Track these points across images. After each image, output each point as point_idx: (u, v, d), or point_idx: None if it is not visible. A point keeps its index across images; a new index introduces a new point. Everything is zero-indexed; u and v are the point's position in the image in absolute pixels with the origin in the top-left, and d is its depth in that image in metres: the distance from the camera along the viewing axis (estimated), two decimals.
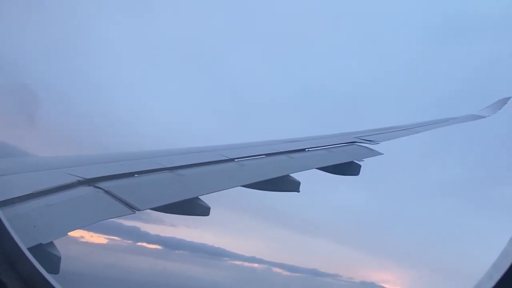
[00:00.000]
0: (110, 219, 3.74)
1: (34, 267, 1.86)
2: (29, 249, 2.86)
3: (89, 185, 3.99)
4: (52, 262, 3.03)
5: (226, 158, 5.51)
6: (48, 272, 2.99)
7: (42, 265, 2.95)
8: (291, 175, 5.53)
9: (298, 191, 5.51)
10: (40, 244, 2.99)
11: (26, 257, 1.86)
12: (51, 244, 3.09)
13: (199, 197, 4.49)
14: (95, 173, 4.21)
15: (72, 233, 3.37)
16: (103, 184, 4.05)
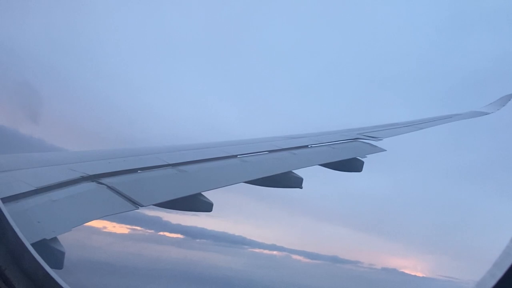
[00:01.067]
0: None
1: (37, 262, 1.88)
2: (33, 244, 2.89)
3: (93, 181, 4.01)
4: (56, 257, 3.05)
5: (229, 155, 5.52)
6: (52, 267, 3.02)
7: (46, 260, 2.98)
8: (293, 171, 5.53)
9: (301, 188, 5.52)
10: (44, 240, 3.02)
11: (30, 252, 1.88)
12: (55, 239, 3.12)
13: (202, 193, 4.51)
14: (99, 169, 4.24)
15: (94, 223, 3.39)
16: (106, 180, 4.07)
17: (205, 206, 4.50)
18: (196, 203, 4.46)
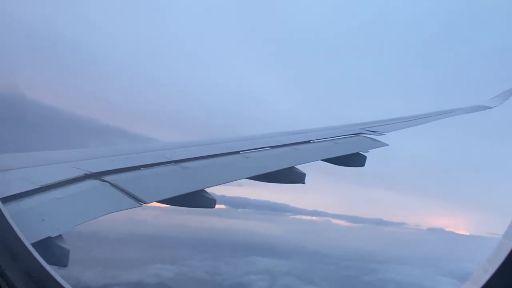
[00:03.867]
0: None
1: (37, 261, 1.89)
2: (38, 242, 2.91)
3: (96, 179, 4.02)
4: (61, 254, 3.07)
5: (232, 151, 5.52)
6: (57, 264, 3.04)
7: (51, 258, 3.00)
8: (296, 167, 5.53)
9: (304, 183, 5.52)
10: (49, 237, 3.03)
11: (29, 251, 1.90)
12: (59, 237, 3.13)
13: (205, 189, 4.52)
14: (102, 167, 4.25)
15: None
16: (109, 178, 4.08)
17: (209, 203, 4.51)
18: (200, 199, 4.47)
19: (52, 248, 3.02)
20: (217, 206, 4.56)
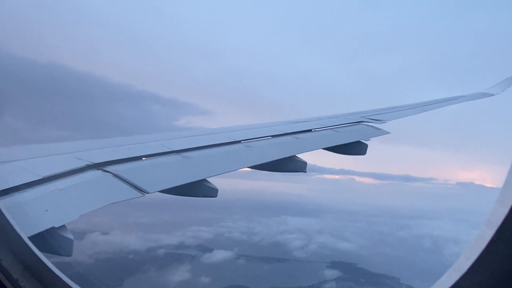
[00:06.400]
0: None
1: (32, 251, 1.92)
2: (42, 233, 2.94)
3: (98, 169, 4.04)
4: (65, 244, 3.11)
5: (233, 140, 5.53)
6: (61, 254, 3.08)
7: (55, 248, 3.04)
8: (297, 155, 5.54)
9: (305, 172, 5.53)
10: (53, 228, 3.06)
11: (24, 242, 1.92)
12: (63, 227, 3.16)
13: (207, 179, 4.54)
14: (103, 157, 4.27)
15: None
16: (111, 168, 4.10)
17: (210, 192, 4.53)
18: (201, 189, 4.50)
19: (56, 238, 3.05)
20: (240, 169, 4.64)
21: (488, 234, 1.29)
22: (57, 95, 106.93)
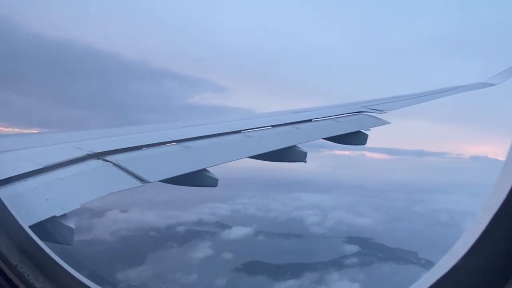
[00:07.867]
0: None
1: (30, 237, 1.94)
2: (44, 222, 2.96)
3: (99, 159, 4.05)
4: (66, 233, 3.12)
5: (233, 130, 5.53)
6: (63, 243, 3.10)
7: (56, 236, 3.06)
8: (297, 145, 5.54)
9: (305, 162, 5.54)
10: (54, 217, 3.08)
11: (23, 229, 1.94)
12: (64, 216, 3.18)
13: (207, 168, 4.55)
14: (104, 147, 4.27)
15: None
16: (112, 158, 4.11)
17: (211, 182, 4.55)
18: (202, 178, 4.51)
19: (57, 227, 3.07)
20: None
21: (485, 218, 1.30)
22: (71, 72, 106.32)
